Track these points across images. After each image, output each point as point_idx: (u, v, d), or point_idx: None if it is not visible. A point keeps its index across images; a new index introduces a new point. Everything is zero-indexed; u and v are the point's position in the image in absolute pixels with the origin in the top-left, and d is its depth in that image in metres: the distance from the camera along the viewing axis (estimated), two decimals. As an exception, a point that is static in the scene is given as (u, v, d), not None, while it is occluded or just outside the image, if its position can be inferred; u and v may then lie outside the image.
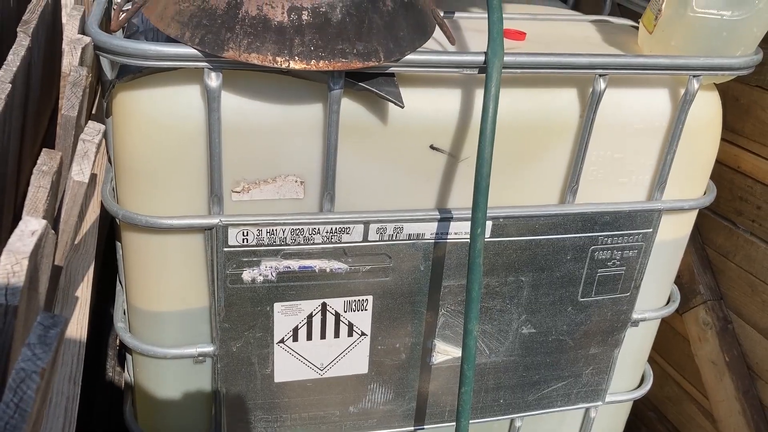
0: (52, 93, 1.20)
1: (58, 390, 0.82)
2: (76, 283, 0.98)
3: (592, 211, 1.41)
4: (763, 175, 1.55)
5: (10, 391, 0.41)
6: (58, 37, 1.22)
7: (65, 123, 0.84)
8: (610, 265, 1.49)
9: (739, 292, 1.67)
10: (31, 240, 0.52)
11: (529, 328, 1.52)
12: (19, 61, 0.84)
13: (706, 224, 1.74)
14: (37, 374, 0.42)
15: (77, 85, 0.87)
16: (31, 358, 0.43)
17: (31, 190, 0.64)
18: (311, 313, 1.36)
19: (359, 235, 1.30)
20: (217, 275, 1.26)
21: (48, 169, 0.65)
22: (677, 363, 1.95)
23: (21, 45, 0.89)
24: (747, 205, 1.61)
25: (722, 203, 1.67)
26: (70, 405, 0.81)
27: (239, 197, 1.23)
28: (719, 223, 1.69)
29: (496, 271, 1.42)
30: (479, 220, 1.21)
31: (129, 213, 1.20)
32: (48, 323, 0.45)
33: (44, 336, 0.44)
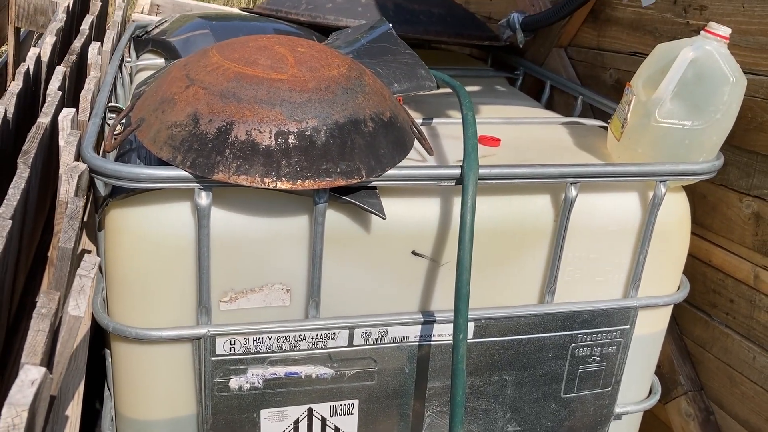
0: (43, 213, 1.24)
1: None
2: (67, 401, 1.00)
3: (571, 310, 1.45)
4: (733, 269, 1.60)
5: None
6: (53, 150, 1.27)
7: (62, 255, 0.88)
8: (590, 362, 1.52)
9: (718, 383, 1.70)
10: (30, 390, 0.55)
11: (514, 426, 1.53)
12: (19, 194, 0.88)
13: (684, 315, 1.78)
14: None
15: (74, 218, 0.91)
16: None
17: (31, 334, 0.67)
18: (297, 418, 1.37)
19: (344, 340, 1.33)
20: (204, 384, 1.28)
21: (47, 312, 0.69)
22: (664, 453, 1.95)
23: (21, 177, 0.94)
24: (720, 298, 1.66)
25: (697, 295, 1.72)
26: None
27: (227, 306, 1.26)
28: (695, 314, 1.74)
29: (480, 371, 1.45)
30: (461, 325, 1.24)
31: (119, 325, 1.23)
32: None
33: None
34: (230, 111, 1.11)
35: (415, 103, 1.84)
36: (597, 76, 2.07)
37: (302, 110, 1.13)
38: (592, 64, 2.09)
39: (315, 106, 1.13)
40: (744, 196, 1.55)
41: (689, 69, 1.36)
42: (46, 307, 0.69)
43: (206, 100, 1.12)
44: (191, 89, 1.15)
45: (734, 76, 1.35)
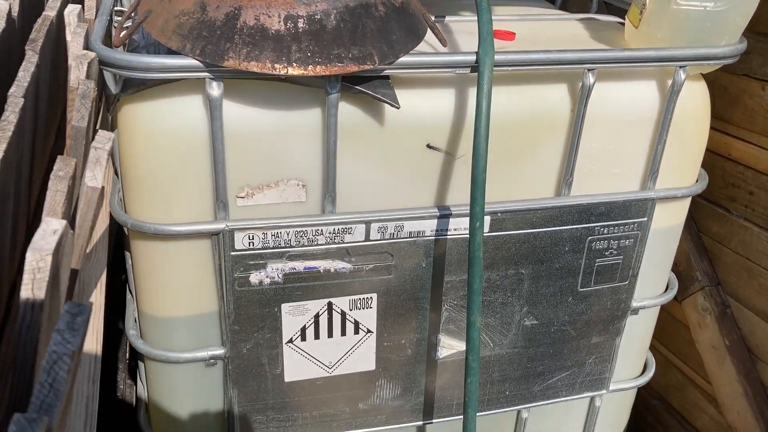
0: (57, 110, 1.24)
1: (77, 389, 0.85)
2: (90, 289, 1.01)
3: (588, 203, 1.44)
4: (753, 161, 1.58)
5: (44, 372, 0.45)
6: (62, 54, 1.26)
7: (76, 133, 0.88)
8: (607, 255, 1.52)
9: (735, 277, 1.70)
10: (53, 238, 0.56)
11: (531, 320, 1.55)
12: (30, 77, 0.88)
13: (701, 212, 1.77)
14: (68, 356, 0.45)
15: (86, 96, 0.90)
16: (61, 342, 0.46)
17: (49, 194, 0.68)
18: (318, 312, 1.39)
19: (361, 235, 1.34)
20: (225, 279, 1.30)
21: (64, 174, 0.69)
22: (679, 350, 1.98)
23: (30, 62, 0.93)
24: (739, 191, 1.64)
25: (715, 190, 1.71)
26: (90, 404, 0.85)
27: (244, 202, 1.27)
28: (713, 210, 1.73)
29: (496, 265, 1.45)
30: (477, 214, 1.24)
31: (138, 222, 1.24)
32: (75, 311, 0.49)
33: (72, 323, 0.48)
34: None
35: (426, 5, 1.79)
36: (614, -29, 1.99)
37: (311, -7, 1.10)
38: (610, -41, 2.01)
39: (324, -11, 1.11)
40: (766, 84, 1.52)
41: (712, -53, 1.30)
42: (63, 170, 0.69)
43: (213, -14, 1.10)
44: (197, -24, 1.12)
45: (759, -48, 1.29)
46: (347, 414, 1.54)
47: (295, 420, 1.50)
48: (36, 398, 0.44)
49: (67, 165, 0.70)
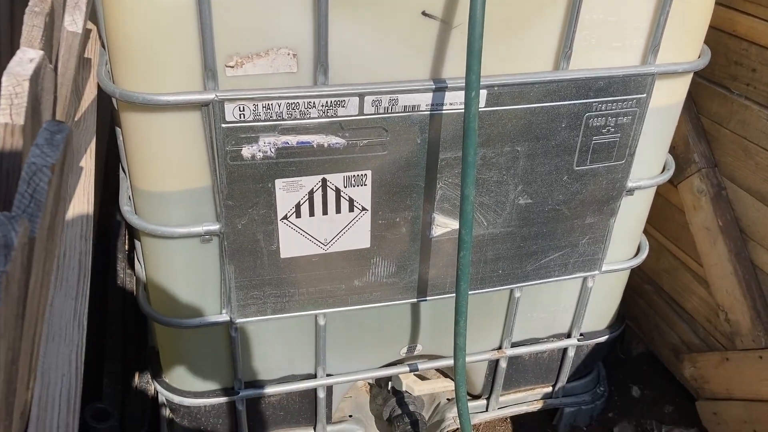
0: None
1: (70, 245, 0.85)
2: (80, 155, 1.00)
3: (586, 77, 1.41)
4: (758, 36, 1.54)
5: (24, 183, 0.44)
6: None
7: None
8: (604, 132, 1.51)
9: (732, 158, 1.69)
10: (30, 66, 0.54)
11: (525, 199, 1.55)
12: None
13: (701, 93, 1.74)
14: (48, 168, 0.44)
15: (62, -57, 0.86)
16: (40, 155, 0.45)
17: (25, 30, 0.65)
18: (312, 189, 1.39)
19: (355, 108, 1.31)
20: (217, 152, 1.29)
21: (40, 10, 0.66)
22: (672, 235, 2.00)
23: None
24: (742, 69, 1.61)
25: (717, 69, 1.67)
26: (83, 259, 0.85)
27: (233, 72, 1.23)
28: (714, 90, 1.70)
29: (491, 141, 1.44)
30: (473, 83, 1.22)
31: (126, 91, 1.21)
32: (54, 129, 0.47)
33: (51, 139, 0.46)
34: None
35: None
36: None
37: None
38: None
39: None
40: (776, -48, 1.45)
41: None
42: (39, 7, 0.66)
43: None
44: None
45: None
46: (343, 291, 1.56)
47: (291, 296, 1.53)
48: (17, 207, 0.43)
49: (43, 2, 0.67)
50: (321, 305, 1.57)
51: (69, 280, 0.81)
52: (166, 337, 1.64)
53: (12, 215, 0.39)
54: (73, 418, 0.68)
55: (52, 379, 0.69)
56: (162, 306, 1.55)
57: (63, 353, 0.71)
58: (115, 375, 2.00)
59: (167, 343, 1.66)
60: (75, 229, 0.87)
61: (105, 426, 1.70)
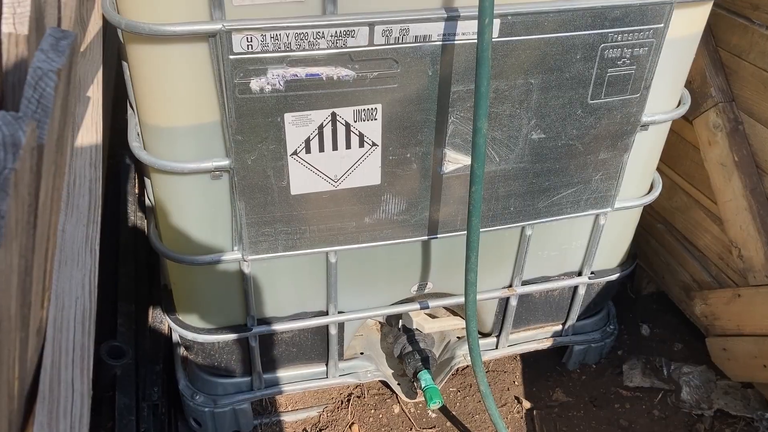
0: None
1: (80, 173, 0.84)
2: (87, 84, 0.98)
3: (602, 5, 1.37)
4: (782, -38, 1.48)
5: (30, 88, 0.43)
6: None
7: None
8: (620, 64, 1.47)
9: (751, 91, 1.65)
10: (30, -26, 0.52)
11: (538, 134, 1.53)
12: None
13: (721, 24, 1.69)
14: (54, 73, 0.43)
15: None
16: (45, 60, 0.43)
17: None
18: (322, 123, 1.37)
19: (364, 39, 1.28)
20: (225, 85, 1.26)
21: None
22: (686, 172, 1.97)
23: None
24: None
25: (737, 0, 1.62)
26: (93, 186, 0.84)
27: (240, 1, 1.20)
28: (734, 21, 1.65)
29: (504, 73, 1.41)
30: (487, 9, 1.18)
31: (132, 21, 1.18)
32: (59, 35, 0.46)
33: (56, 45, 0.45)
34: None
35: None
36: None
37: None
38: None
39: None
40: None
41: None
42: None
43: None
44: None
45: None
46: (353, 228, 1.56)
47: (302, 233, 1.53)
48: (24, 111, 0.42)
49: None
50: (332, 242, 1.56)
51: (80, 207, 0.80)
52: (178, 274, 1.65)
53: (19, 115, 0.38)
54: (88, 339, 0.69)
55: (66, 302, 0.69)
56: (174, 243, 1.55)
57: (76, 277, 0.71)
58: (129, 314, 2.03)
59: (179, 281, 1.67)
60: (84, 157, 0.87)
61: (120, 363, 1.73)
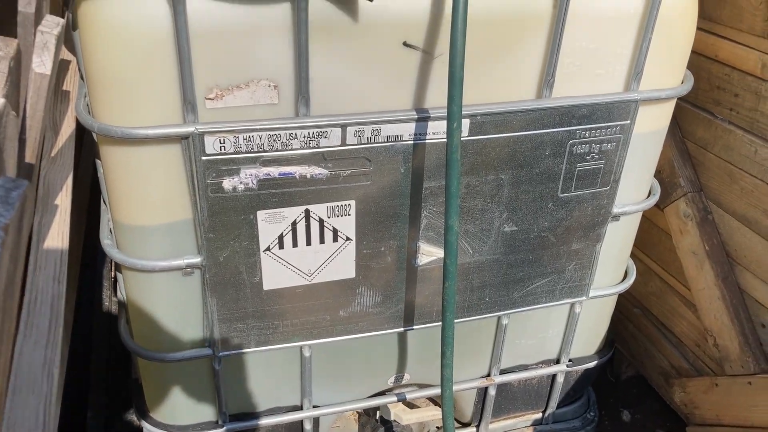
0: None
1: (42, 289, 0.84)
2: (55, 192, 0.99)
3: (569, 105, 1.41)
4: (740, 61, 1.54)
5: (-24, 246, 0.42)
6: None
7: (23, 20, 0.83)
8: (589, 159, 1.50)
9: (718, 182, 1.69)
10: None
11: (510, 226, 1.54)
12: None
13: (686, 117, 1.74)
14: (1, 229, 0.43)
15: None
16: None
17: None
18: (295, 220, 1.37)
19: (337, 139, 1.30)
20: (197, 185, 1.27)
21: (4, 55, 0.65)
22: (660, 258, 1.99)
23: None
24: (725, 94, 1.61)
25: (700, 94, 1.67)
26: (55, 303, 0.83)
27: (213, 104, 1.22)
28: (698, 114, 1.70)
29: (475, 170, 1.43)
30: (455, 113, 1.21)
31: (104, 125, 1.19)
32: (10, 186, 0.46)
33: (6, 197, 0.45)
34: None
35: None
36: None
37: None
38: None
39: None
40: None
41: None
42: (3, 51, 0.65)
43: None
44: None
45: None
46: (328, 322, 1.54)
47: (275, 328, 1.51)
48: (-31, 270, 0.41)
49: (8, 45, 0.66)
50: (306, 336, 1.54)
51: (40, 327, 0.79)
52: (149, 370, 1.61)
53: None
54: (40, 474, 0.66)
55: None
56: (144, 339, 1.52)
57: (31, 405, 0.69)
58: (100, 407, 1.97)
59: (150, 377, 1.63)
60: (48, 271, 0.86)
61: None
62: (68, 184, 1.00)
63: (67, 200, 0.99)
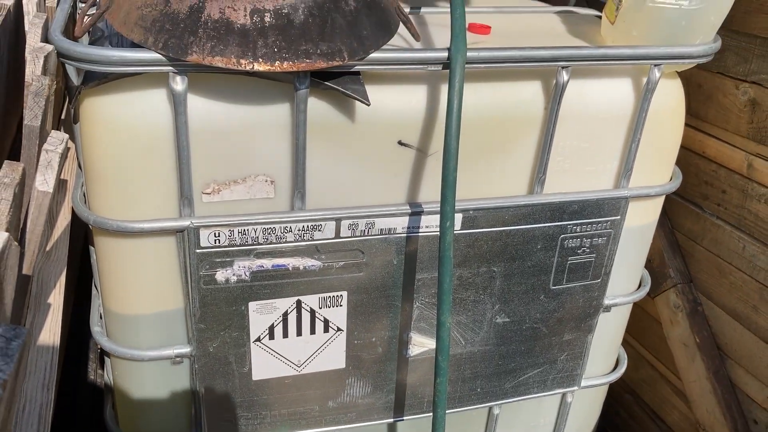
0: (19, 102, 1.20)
1: (31, 397, 0.83)
2: (48, 290, 0.98)
3: (560, 201, 1.43)
4: (726, 159, 1.58)
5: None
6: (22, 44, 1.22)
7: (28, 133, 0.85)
8: (580, 253, 1.52)
9: (707, 275, 1.70)
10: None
11: (503, 318, 1.54)
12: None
13: (675, 209, 1.77)
14: (0, 386, 0.43)
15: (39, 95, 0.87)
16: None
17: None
18: (286, 310, 1.37)
19: (331, 232, 1.32)
20: (190, 277, 1.27)
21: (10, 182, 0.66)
22: (651, 345, 1.99)
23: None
24: (712, 190, 1.64)
25: (689, 188, 1.70)
26: (44, 411, 0.82)
27: (210, 198, 1.24)
28: (687, 207, 1.73)
29: (468, 262, 1.44)
30: (448, 213, 1.23)
31: (100, 218, 1.20)
32: (10, 335, 0.46)
33: (6, 348, 0.45)
34: (202, -12, 1.05)
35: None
36: (593, -36, 1.98)
37: (278, -14, 1.06)
38: (588, -48, 1.99)
39: (292, -17, 1.07)
40: (740, 83, 1.51)
41: (688, -56, 1.29)
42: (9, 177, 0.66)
43: (177, -24, 1.06)
44: (161, -34, 1.08)
45: (735, -49, 1.28)
46: (317, 412, 1.52)
47: (263, 418, 1.49)
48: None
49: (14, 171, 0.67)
50: (294, 427, 1.52)
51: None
52: (132, 458, 1.58)
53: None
54: None
55: None
56: (130, 426, 1.50)
57: None
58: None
59: (133, 464, 1.60)
60: (37, 377, 0.85)
61: None
62: (62, 281, 1.00)
63: (59, 298, 0.99)
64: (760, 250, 1.54)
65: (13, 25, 1.11)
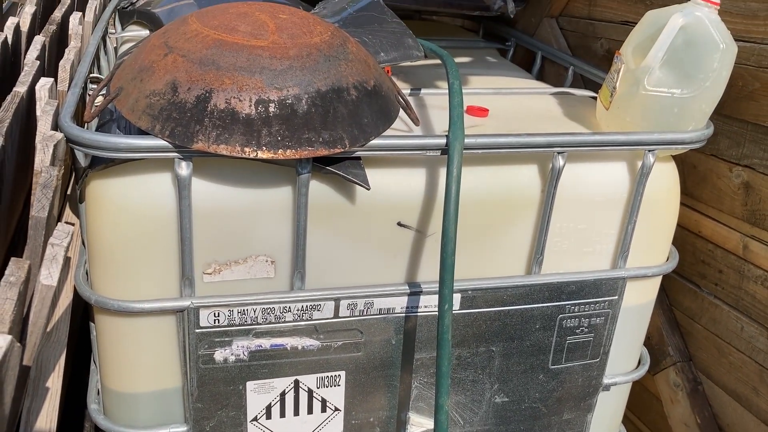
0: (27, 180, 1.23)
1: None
2: (47, 373, 0.99)
3: (558, 281, 1.44)
4: (722, 240, 1.60)
5: None
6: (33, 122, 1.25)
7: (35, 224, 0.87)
8: (578, 333, 1.52)
9: (706, 354, 1.70)
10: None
11: (502, 397, 1.53)
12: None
13: (673, 287, 1.78)
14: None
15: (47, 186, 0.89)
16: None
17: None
18: (284, 390, 1.37)
19: (330, 312, 1.32)
20: (189, 356, 1.27)
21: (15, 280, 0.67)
22: (652, 423, 1.96)
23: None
24: (709, 269, 1.65)
25: (686, 266, 1.72)
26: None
27: (210, 279, 1.25)
28: (684, 285, 1.74)
29: (467, 342, 1.44)
30: (446, 296, 1.24)
31: (102, 298, 1.21)
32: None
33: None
34: (209, 79, 1.09)
35: (404, 74, 1.82)
36: (588, 46, 2.04)
37: (283, 78, 1.10)
38: (584, 34, 2.06)
39: (296, 74, 1.11)
40: (734, 166, 1.54)
41: (679, 36, 1.34)
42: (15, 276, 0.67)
43: (185, 67, 1.10)
44: (170, 57, 1.12)
45: (724, 43, 1.33)
46: (313, 493, 1.49)
47: (258, 499, 1.46)
48: None
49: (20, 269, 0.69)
50: None
51: None
52: None
53: None
54: None
55: None
56: (122, 506, 1.47)
57: None
58: None
59: None
60: (31, 468, 0.84)
61: None
62: (61, 363, 1.01)
63: (58, 382, 0.99)
64: (758, 331, 1.54)
65: (25, 110, 1.14)
